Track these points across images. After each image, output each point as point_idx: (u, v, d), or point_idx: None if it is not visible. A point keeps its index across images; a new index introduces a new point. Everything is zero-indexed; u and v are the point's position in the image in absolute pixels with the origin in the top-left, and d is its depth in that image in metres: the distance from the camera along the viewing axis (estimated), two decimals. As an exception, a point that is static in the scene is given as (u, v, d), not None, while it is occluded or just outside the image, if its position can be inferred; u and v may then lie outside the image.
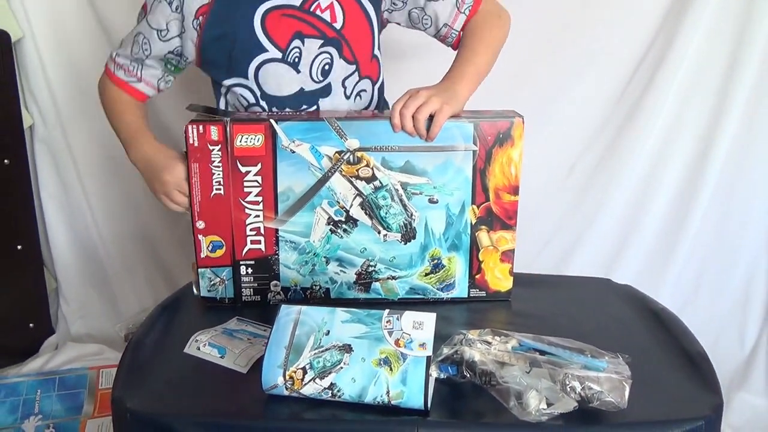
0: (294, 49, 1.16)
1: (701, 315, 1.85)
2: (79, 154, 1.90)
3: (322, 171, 1.07)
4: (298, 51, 1.16)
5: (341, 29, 1.18)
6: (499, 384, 0.84)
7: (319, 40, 1.17)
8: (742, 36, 1.65)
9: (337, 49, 1.18)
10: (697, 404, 0.88)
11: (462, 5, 1.20)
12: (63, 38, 1.80)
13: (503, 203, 1.10)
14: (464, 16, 1.21)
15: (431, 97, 1.04)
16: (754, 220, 1.80)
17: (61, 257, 1.98)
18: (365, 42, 1.21)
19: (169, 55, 1.19)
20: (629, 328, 1.09)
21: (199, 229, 1.11)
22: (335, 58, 1.18)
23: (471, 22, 1.21)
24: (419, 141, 1.06)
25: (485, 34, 1.20)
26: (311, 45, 1.16)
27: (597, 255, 1.89)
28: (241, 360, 0.96)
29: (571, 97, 1.79)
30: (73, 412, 1.70)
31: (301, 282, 1.13)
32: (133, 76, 1.23)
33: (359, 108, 1.25)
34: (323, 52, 1.17)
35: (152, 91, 1.25)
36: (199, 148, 1.06)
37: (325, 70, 1.19)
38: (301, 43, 1.16)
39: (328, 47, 1.17)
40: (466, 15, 1.21)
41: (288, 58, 1.16)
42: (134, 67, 1.22)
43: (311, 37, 1.16)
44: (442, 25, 1.21)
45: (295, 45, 1.15)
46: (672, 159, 1.79)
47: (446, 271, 1.13)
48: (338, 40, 1.18)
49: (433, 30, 1.23)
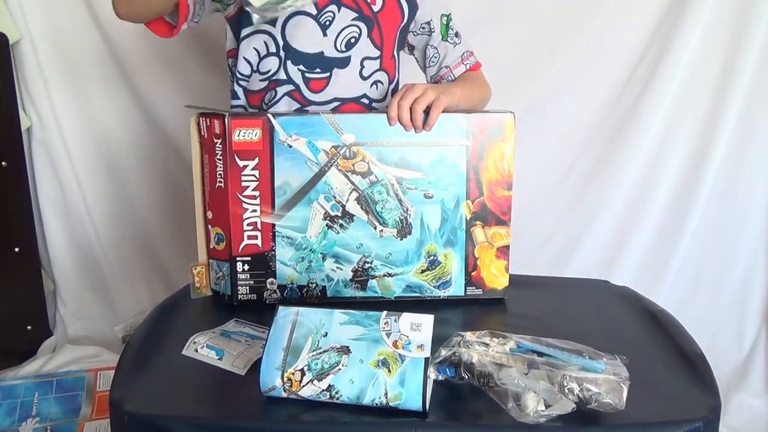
0: (328, 12, 1.18)
1: (699, 316, 1.85)
2: (76, 156, 1.89)
3: (319, 165, 1.08)
4: (332, 15, 1.18)
5: (377, 12, 1.22)
6: (497, 385, 0.84)
7: (355, 12, 1.20)
8: (739, 39, 1.66)
9: (368, 27, 1.21)
10: (695, 405, 0.88)
11: (466, 59, 1.33)
12: (60, 40, 1.80)
13: (497, 198, 1.11)
14: (464, 67, 1.32)
15: (427, 90, 1.07)
16: (750, 221, 1.81)
17: (59, 259, 1.98)
18: (391, 35, 1.25)
19: None
20: (627, 329, 1.09)
21: (209, 219, 1.11)
22: (363, 35, 1.21)
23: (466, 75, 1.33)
24: (414, 136, 1.07)
25: (478, 84, 1.32)
26: (345, 14, 1.19)
27: (595, 256, 1.89)
28: (239, 362, 0.96)
29: (570, 99, 1.80)
30: (70, 414, 1.70)
31: (297, 279, 1.13)
32: None
33: (374, 95, 1.26)
34: (354, 25, 1.20)
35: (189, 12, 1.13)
36: (208, 140, 1.08)
37: (350, 43, 1.21)
38: (337, 9, 1.19)
39: (359, 22, 1.20)
40: (467, 68, 1.32)
41: (320, 18, 1.18)
42: None
43: (348, 7, 1.19)
44: (444, 66, 1.32)
45: (331, 9, 1.18)
46: (669, 160, 1.80)
47: (442, 267, 1.14)
48: (371, 20, 1.21)
49: (435, 69, 1.32)
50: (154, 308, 1.15)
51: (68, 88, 1.84)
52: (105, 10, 1.76)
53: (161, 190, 1.94)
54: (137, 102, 1.86)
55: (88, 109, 1.87)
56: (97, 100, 1.87)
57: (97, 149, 1.90)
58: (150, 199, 1.96)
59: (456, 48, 1.31)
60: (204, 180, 1.12)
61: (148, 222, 1.98)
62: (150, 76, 1.83)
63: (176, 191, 1.91)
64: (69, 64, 1.82)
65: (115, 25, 1.74)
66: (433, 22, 1.29)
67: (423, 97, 1.06)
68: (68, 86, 1.84)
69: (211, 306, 1.16)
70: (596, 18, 1.72)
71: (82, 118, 1.86)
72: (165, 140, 1.88)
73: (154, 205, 1.96)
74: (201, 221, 1.15)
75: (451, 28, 1.32)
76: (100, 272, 2.01)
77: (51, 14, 1.78)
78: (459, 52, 1.32)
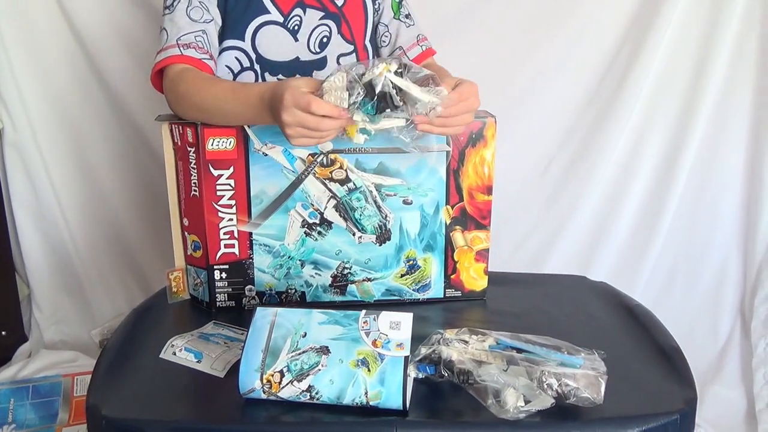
0: (295, 17, 1.17)
1: (675, 310, 1.88)
2: (50, 159, 1.87)
3: (296, 174, 1.06)
4: (299, 19, 1.17)
5: (342, 6, 1.21)
6: (477, 383, 0.85)
7: (321, 11, 1.19)
8: (711, 37, 1.68)
9: (336, 24, 1.20)
10: (672, 398, 0.89)
11: (421, 41, 1.29)
12: (33, 42, 1.77)
13: (477, 203, 1.11)
14: (420, 49, 1.28)
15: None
16: (724, 216, 1.83)
17: (33, 263, 1.95)
18: (360, 26, 1.24)
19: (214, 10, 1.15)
20: (604, 324, 1.10)
21: (185, 226, 1.10)
22: (333, 32, 1.20)
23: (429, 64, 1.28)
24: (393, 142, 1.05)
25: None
26: (312, 15, 1.18)
27: (573, 253, 1.91)
28: (218, 364, 0.96)
29: (545, 99, 1.81)
30: (47, 420, 1.68)
31: (276, 286, 1.13)
32: (206, 53, 1.11)
33: None
34: (323, 24, 1.19)
35: (215, 67, 1.14)
36: (181, 148, 1.06)
37: (323, 43, 1.20)
38: (303, 12, 1.18)
39: (327, 20, 1.20)
40: (422, 50, 1.28)
41: (288, 24, 1.17)
42: (201, 41, 1.10)
43: (313, 7, 1.18)
44: (398, 46, 1.28)
45: (297, 13, 1.17)
46: (644, 157, 1.82)
47: (422, 271, 1.14)
48: (338, 16, 1.20)
49: (389, 49, 1.30)
50: (131, 311, 1.14)
51: (41, 91, 1.81)
52: (78, 12, 1.74)
53: (137, 191, 1.92)
54: (112, 104, 1.84)
55: (62, 112, 1.84)
56: (71, 103, 1.84)
57: (71, 151, 1.87)
58: (125, 201, 1.93)
59: (409, 29, 1.29)
60: (179, 187, 1.10)
61: (123, 224, 1.96)
62: (125, 78, 1.80)
63: (152, 193, 1.89)
64: (42, 66, 1.79)
65: (89, 27, 1.74)
66: (386, 2, 1.27)
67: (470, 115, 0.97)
68: (41, 89, 1.81)
69: (189, 308, 1.15)
70: (571, 16, 1.74)
71: (55, 120, 1.83)
72: (140, 142, 1.86)
73: (130, 207, 1.94)
74: (177, 227, 1.14)
75: (403, 7, 1.29)
76: (75, 276, 1.98)
77: (23, 15, 1.75)
78: (413, 33, 1.29)
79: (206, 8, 1.13)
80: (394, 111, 0.88)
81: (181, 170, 1.09)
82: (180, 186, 1.10)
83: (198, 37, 1.11)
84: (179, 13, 1.12)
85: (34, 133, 1.84)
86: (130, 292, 2.01)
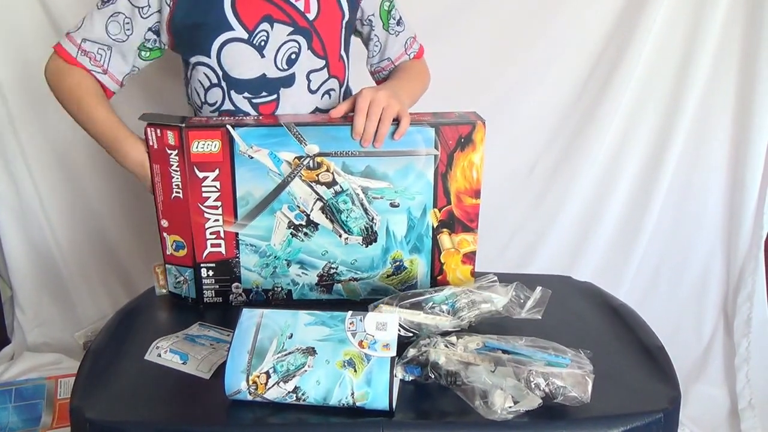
0: (261, 32, 1.14)
1: (659, 309, 1.89)
2: (31, 156, 1.85)
3: (282, 176, 1.06)
4: (266, 35, 1.14)
5: (314, 20, 1.17)
6: (465, 384, 0.85)
7: (289, 27, 1.15)
8: (694, 38, 1.70)
9: (306, 40, 1.17)
10: (656, 397, 0.89)
11: (409, 48, 1.31)
12: (11, 35, 1.75)
13: (465, 206, 1.11)
14: (408, 58, 1.31)
15: (390, 100, 1.04)
16: (707, 215, 1.85)
17: (15, 264, 1.93)
18: (334, 40, 1.21)
19: (148, 33, 1.14)
20: (589, 324, 1.11)
21: (164, 227, 1.10)
22: (303, 48, 1.17)
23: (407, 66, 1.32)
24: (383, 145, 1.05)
25: (419, 76, 1.31)
26: (280, 30, 1.15)
27: (557, 253, 1.92)
28: (204, 366, 0.95)
29: (530, 100, 1.82)
30: (30, 423, 1.66)
31: (262, 284, 1.12)
32: (99, 67, 1.14)
33: (325, 106, 1.23)
34: (291, 40, 1.16)
35: (116, 86, 1.18)
36: (158, 150, 1.05)
37: (291, 59, 1.17)
38: (270, 27, 1.14)
39: (297, 36, 1.16)
40: (410, 58, 1.31)
41: (254, 40, 1.14)
42: (101, 55, 1.13)
43: (281, 22, 1.15)
44: (386, 57, 1.31)
45: (263, 28, 1.14)
46: (628, 158, 1.83)
47: (408, 272, 1.14)
48: (309, 31, 1.17)
49: (377, 59, 1.32)
50: (115, 313, 1.13)
51: (20, 86, 1.79)
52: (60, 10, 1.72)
53: (120, 192, 1.91)
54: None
55: (44, 111, 1.82)
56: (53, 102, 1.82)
57: (53, 149, 1.85)
58: (109, 201, 1.92)
59: (398, 37, 1.29)
60: (155, 190, 1.09)
61: (107, 224, 1.94)
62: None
63: (135, 193, 1.88)
64: (20, 60, 1.77)
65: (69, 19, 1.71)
66: (376, 12, 1.26)
67: (390, 109, 1.03)
68: (20, 84, 1.79)
69: (174, 310, 1.14)
70: (556, 17, 1.74)
71: (38, 119, 1.82)
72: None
73: (113, 207, 1.92)
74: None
75: (392, 17, 1.29)
76: (58, 277, 1.97)
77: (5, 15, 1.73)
78: (401, 42, 1.29)
79: (130, 27, 1.12)
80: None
81: (157, 173, 1.07)
82: (157, 188, 1.08)
83: (101, 50, 1.14)
84: (101, 17, 1.13)
85: (16, 132, 1.82)
86: (114, 293, 2.00)
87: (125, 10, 1.12)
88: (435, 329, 0.97)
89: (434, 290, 1.02)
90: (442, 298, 1.01)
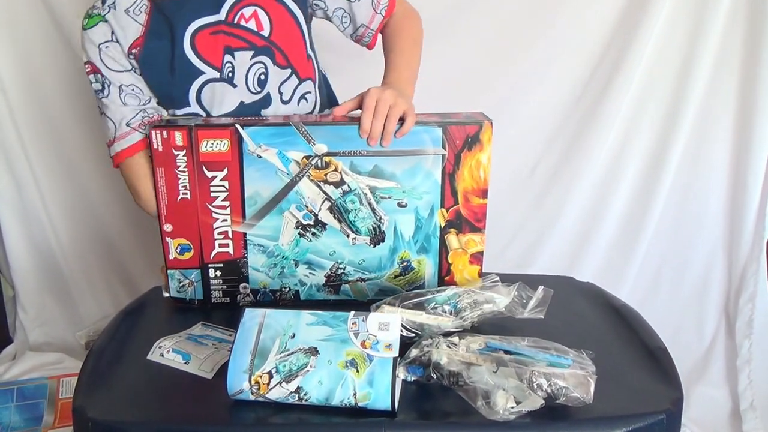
0: (226, 64, 1.15)
1: (661, 310, 1.89)
2: (34, 156, 1.85)
3: (290, 176, 1.06)
4: (231, 65, 1.15)
5: (270, 36, 1.17)
6: (467, 384, 0.85)
7: (249, 51, 1.16)
8: (696, 39, 1.69)
9: (269, 57, 1.17)
10: (658, 398, 0.89)
11: (378, 6, 1.24)
12: (15, 34, 1.76)
13: (472, 206, 1.11)
14: (380, 16, 1.24)
15: (397, 99, 1.04)
16: (709, 216, 1.85)
17: (18, 264, 1.93)
18: (297, 45, 1.21)
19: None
20: (591, 324, 1.11)
21: (167, 232, 1.09)
22: (269, 66, 1.18)
23: (390, 25, 1.26)
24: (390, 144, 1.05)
25: (410, 34, 1.25)
26: (242, 57, 1.16)
27: (559, 254, 1.92)
28: (206, 366, 0.95)
29: (531, 100, 1.82)
30: (32, 423, 1.66)
31: (270, 284, 1.12)
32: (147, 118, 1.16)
33: (304, 111, 1.24)
34: (256, 62, 1.16)
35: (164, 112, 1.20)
36: (163, 153, 1.05)
37: (261, 80, 1.18)
38: (232, 57, 1.15)
39: (260, 57, 1.17)
40: (383, 15, 1.24)
41: (223, 74, 1.15)
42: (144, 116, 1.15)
43: (241, 49, 1.15)
44: (359, 25, 1.25)
45: (227, 60, 1.15)
46: (630, 158, 1.83)
47: (415, 273, 1.14)
48: (269, 48, 1.17)
49: (351, 29, 1.26)
50: (117, 313, 1.13)
51: (24, 85, 1.80)
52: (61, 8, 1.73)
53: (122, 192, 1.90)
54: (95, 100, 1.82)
55: (47, 111, 1.83)
56: (55, 100, 1.83)
57: (56, 148, 1.86)
58: (111, 201, 1.92)
59: (362, 1, 1.23)
60: (158, 194, 1.08)
61: (109, 224, 1.94)
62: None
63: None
64: (24, 59, 1.78)
65: (72, 23, 1.72)
66: None
67: (396, 107, 1.03)
68: (23, 83, 1.79)
69: (176, 310, 1.14)
70: (557, 18, 1.75)
71: (40, 117, 1.82)
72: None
73: (115, 207, 1.93)
74: None
75: None
76: (61, 276, 1.97)
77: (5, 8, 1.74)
78: (368, 3, 1.24)
79: (140, 91, 1.14)
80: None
81: (162, 176, 1.07)
82: (160, 192, 1.08)
83: (140, 113, 1.15)
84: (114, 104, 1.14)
85: (18, 130, 1.82)
86: (116, 293, 2.00)
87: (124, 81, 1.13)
88: (437, 329, 0.97)
89: (436, 290, 1.02)
90: (444, 298, 1.01)
